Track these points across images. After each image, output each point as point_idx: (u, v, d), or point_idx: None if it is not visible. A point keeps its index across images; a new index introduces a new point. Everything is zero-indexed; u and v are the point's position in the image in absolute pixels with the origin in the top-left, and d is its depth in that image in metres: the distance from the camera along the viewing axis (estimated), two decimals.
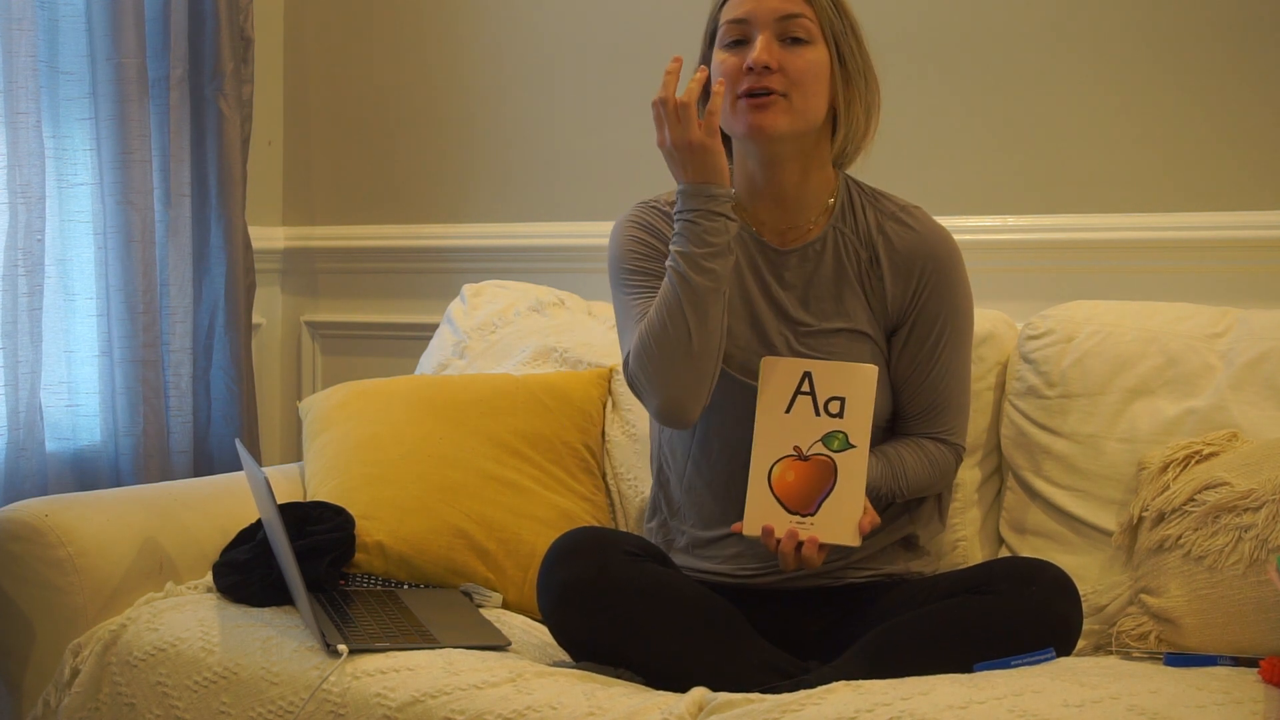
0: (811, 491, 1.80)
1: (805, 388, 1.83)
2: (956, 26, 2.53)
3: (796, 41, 1.87)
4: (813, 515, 1.80)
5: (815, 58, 1.87)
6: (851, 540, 1.79)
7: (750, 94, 1.86)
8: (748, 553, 1.93)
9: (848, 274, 1.95)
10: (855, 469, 1.80)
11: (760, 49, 1.85)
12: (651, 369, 1.84)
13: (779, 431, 1.82)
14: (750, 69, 1.85)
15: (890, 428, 1.98)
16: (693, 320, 1.81)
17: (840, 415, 1.81)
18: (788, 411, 1.82)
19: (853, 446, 1.80)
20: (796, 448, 1.82)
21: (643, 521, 2.16)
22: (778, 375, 1.84)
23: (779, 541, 1.79)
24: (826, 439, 1.81)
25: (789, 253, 1.96)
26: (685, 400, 1.84)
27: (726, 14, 1.90)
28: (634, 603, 1.77)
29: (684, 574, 1.91)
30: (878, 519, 1.83)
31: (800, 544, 1.79)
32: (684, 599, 1.81)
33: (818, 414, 1.81)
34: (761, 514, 1.81)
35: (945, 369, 1.95)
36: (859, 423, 1.81)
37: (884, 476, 1.89)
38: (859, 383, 1.82)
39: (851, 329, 1.94)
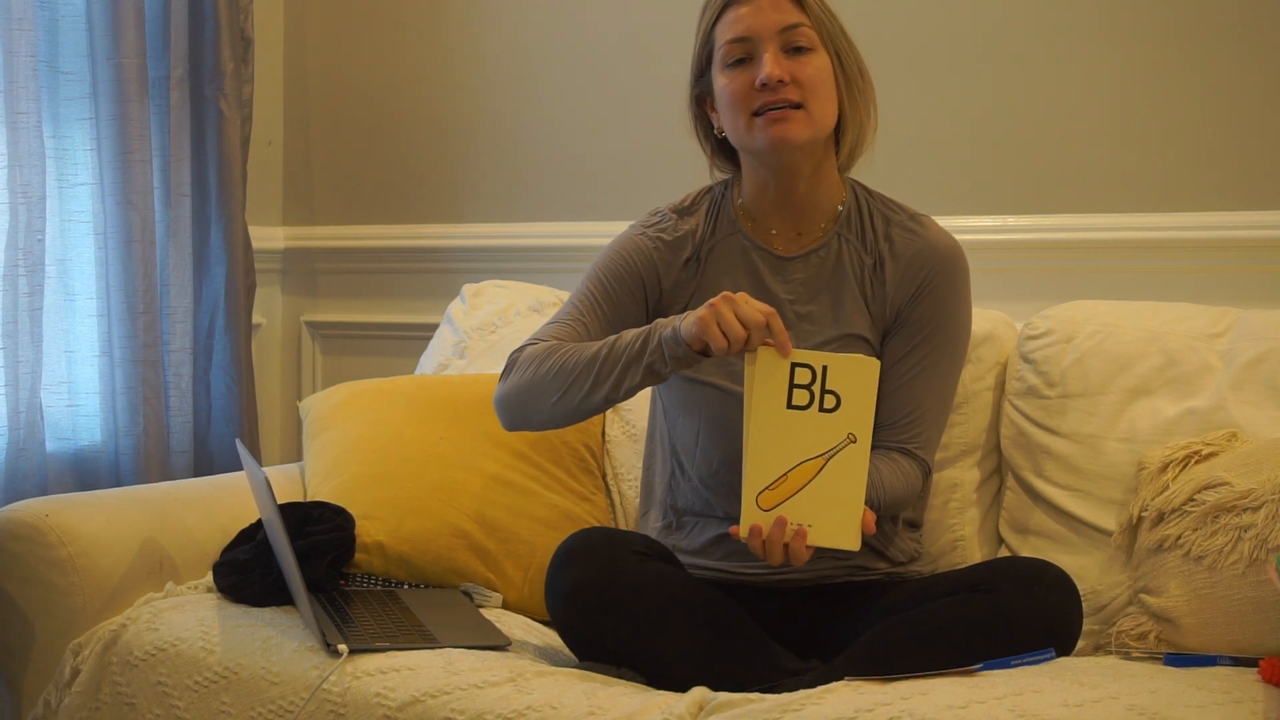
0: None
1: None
2: (955, 26, 2.53)
3: (800, 50, 1.87)
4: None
5: (821, 64, 1.88)
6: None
7: (768, 109, 1.86)
8: (742, 549, 1.92)
9: (849, 280, 1.94)
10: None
11: (770, 64, 1.85)
12: (519, 389, 1.87)
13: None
14: (764, 85, 1.85)
15: None
16: (576, 397, 1.81)
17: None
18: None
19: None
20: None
21: (642, 519, 2.15)
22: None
23: (765, 540, 1.70)
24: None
25: (793, 260, 1.95)
26: (520, 423, 1.92)
27: (724, 34, 1.89)
28: (643, 602, 1.77)
29: (690, 572, 1.90)
30: (872, 523, 1.73)
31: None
32: (692, 598, 1.81)
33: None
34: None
35: (928, 379, 1.92)
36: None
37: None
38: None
39: (851, 334, 1.94)
